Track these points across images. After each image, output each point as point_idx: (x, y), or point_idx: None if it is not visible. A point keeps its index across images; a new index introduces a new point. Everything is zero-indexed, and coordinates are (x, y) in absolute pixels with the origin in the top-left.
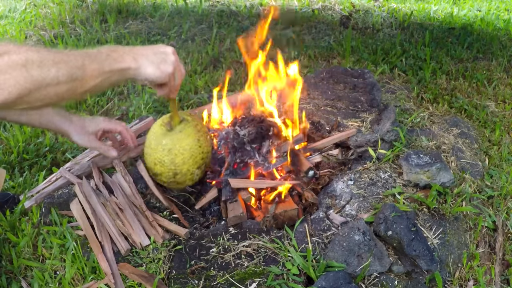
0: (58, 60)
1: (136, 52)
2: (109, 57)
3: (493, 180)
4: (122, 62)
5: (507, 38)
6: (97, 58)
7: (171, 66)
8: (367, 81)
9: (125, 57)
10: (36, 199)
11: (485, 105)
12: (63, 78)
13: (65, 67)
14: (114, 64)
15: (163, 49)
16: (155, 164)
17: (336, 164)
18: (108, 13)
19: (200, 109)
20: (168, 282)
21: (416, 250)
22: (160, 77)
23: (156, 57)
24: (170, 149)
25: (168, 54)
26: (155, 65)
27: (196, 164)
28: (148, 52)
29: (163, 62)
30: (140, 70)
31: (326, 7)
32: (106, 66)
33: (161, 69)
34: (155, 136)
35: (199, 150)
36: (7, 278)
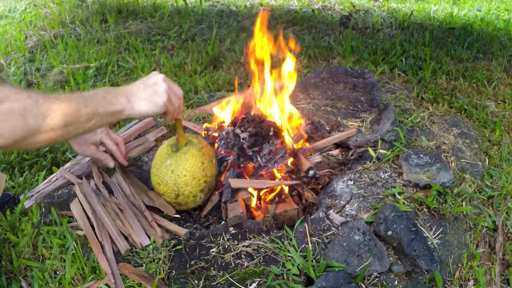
0: (54, 108)
1: (129, 92)
2: (104, 99)
3: (493, 180)
4: (116, 104)
5: (507, 38)
6: (92, 101)
7: (164, 95)
8: (367, 81)
9: (119, 98)
10: (36, 199)
11: (485, 105)
12: (58, 125)
13: (60, 115)
14: (108, 106)
15: (153, 79)
16: (159, 184)
17: (336, 164)
18: (108, 13)
19: (200, 109)
20: (168, 282)
21: (416, 250)
22: (156, 110)
23: (147, 92)
24: (173, 170)
25: (158, 84)
26: (147, 100)
27: (199, 187)
28: (139, 89)
29: (155, 94)
30: (134, 109)
31: (326, 7)
32: (100, 108)
33: (155, 102)
34: (161, 156)
35: (202, 173)
36: (7, 278)
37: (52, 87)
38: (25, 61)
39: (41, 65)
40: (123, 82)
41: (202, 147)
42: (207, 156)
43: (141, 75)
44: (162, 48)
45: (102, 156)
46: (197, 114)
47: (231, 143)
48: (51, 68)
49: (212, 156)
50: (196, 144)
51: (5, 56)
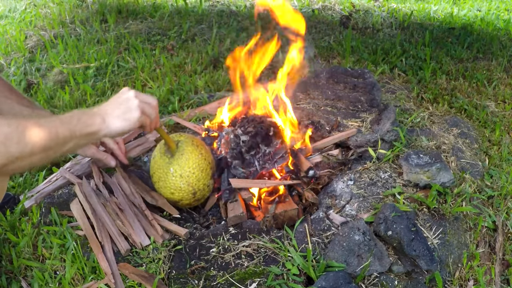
0: (34, 134)
1: (103, 112)
2: (80, 121)
3: (493, 180)
4: (91, 125)
5: (507, 38)
6: (69, 124)
7: (137, 110)
8: (367, 81)
9: (94, 119)
10: (36, 199)
11: (485, 105)
12: (38, 150)
13: (40, 140)
14: (84, 128)
15: (124, 96)
16: (172, 193)
17: (336, 164)
18: (108, 13)
19: (200, 109)
20: (168, 282)
21: (416, 250)
22: (130, 126)
23: (120, 109)
24: (181, 174)
25: (130, 100)
26: (121, 118)
27: (208, 175)
28: (112, 108)
29: (128, 111)
30: (110, 128)
31: (326, 7)
32: (78, 131)
33: (129, 119)
34: (161, 168)
35: (206, 162)
36: (7, 278)
37: (52, 87)
38: (25, 61)
39: (41, 65)
40: (123, 82)
41: (192, 140)
42: (201, 145)
43: (141, 75)
44: (162, 48)
45: (103, 156)
46: (197, 114)
47: (230, 144)
48: (51, 68)
49: (203, 143)
50: (186, 140)
51: (5, 56)
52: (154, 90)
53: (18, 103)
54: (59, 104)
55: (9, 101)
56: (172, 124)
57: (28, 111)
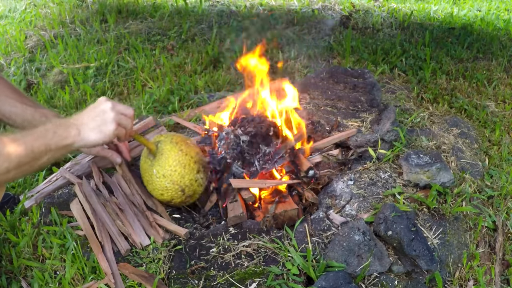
0: (10, 151)
1: (79, 123)
2: (55, 134)
3: (493, 180)
4: (67, 137)
5: (507, 38)
6: (45, 138)
7: (112, 123)
8: (367, 81)
9: (69, 131)
10: (36, 199)
11: (485, 105)
12: (13, 167)
13: (15, 158)
14: (60, 141)
15: (101, 108)
16: (162, 194)
17: (336, 164)
18: (108, 13)
19: (200, 109)
20: (168, 282)
21: (416, 250)
22: (105, 139)
23: (96, 122)
24: (164, 174)
25: (106, 112)
26: (96, 130)
27: (193, 170)
28: (88, 119)
29: (103, 123)
30: (85, 140)
31: (326, 7)
32: (53, 144)
33: (104, 132)
34: (146, 171)
35: (187, 157)
36: (7, 278)
37: (52, 87)
38: (25, 61)
39: (41, 65)
40: (123, 82)
41: (172, 138)
42: (181, 142)
43: (141, 75)
44: (162, 48)
45: (108, 154)
46: (197, 114)
47: (231, 144)
48: (51, 68)
49: (185, 139)
50: (165, 140)
51: (5, 56)
52: (154, 90)
53: (21, 102)
54: (59, 104)
55: (12, 100)
56: (172, 124)
57: (31, 110)
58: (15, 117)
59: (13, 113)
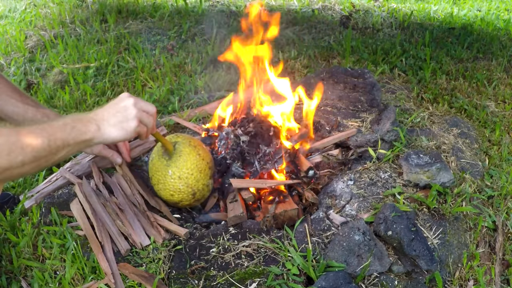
0: (26, 144)
1: (99, 118)
2: (74, 129)
3: (493, 180)
4: (86, 132)
5: (507, 38)
6: (63, 132)
7: (134, 121)
8: (367, 81)
9: (89, 126)
10: (36, 199)
11: (485, 105)
12: (29, 160)
13: (31, 151)
14: (78, 136)
15: (123, 104)
16: (172, 195)
17: (336, 164)
18: (108, 13)
19: (200, 109)
20: (168, 282)
21: (416, 250)
22: (126, 136)
23: (117, 118)
24: (180, 176)
25: (128, 109)
26: (118, 126)
27: (207, 175)
28: (109, 115)
29: (125, 120)
30: (105, 137)
31: (326, 7)
32: (71, 139)
33: (125, 129)
34: (158, 170)
35: (204, 162)
36: (7, 278)
37: (52, 87)
38: (25, 61)
39: (41, 65)
40: (123, 82)
41: (190, 141)
42: (199, 146)
43: (141, 75)
44: (162, 48)
45: (109, 154)
46: (197, 114)
47: (231, 144)
48: (51, 68)
49: (201, 143)
50: (183, 141)
51: (5, 56)
52: (154, 90)
53: (22, 102)
54: (59, 104)
55: (13, 100)
56: (172, 124)
57: (32, 110)
58: (16, 116)
59: (15, 113)
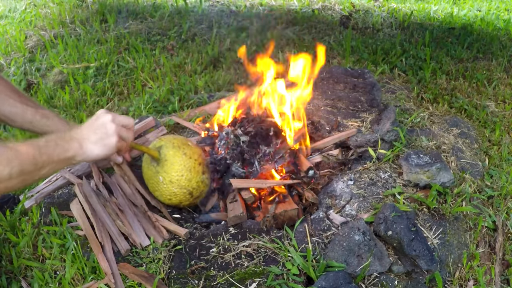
0: (12, 157)
1: (79, 137)
2: (57, 146)
3: (493, 180)
4: (69, 150)
5: (507, 38)
6: (47, 149)
7: (114, 136)
8: (367, 81)
9: (71, 144)
10: (36, 199)
11: (485, 105)
12: (15, 174)
13: (18, 165)
14: (62, 153)
15: (101, 121)
16: (170, 199)
17: (336, 164)
18: (108, 13)
19: (200, 109)
20: (168, 282)
21: (416, 250)
22: (108, 152)
23: (97, 135)
24: (171, 179)
25: (106, 125)
26: (99, 143)
27: (199, 172)
28: (89, 133)
29: (105, 136)
30: (87, 154)
31: (326, 7)
32: (55, 156)
33: (106, 145)
34: (151, 178)
35: (192, 161)
36: (7, 278)
37: (52, 87)
38: (25, 61)
39: (41, 65)
40: (123, 82)
41: (173, 142)
42: (183, 145)
43: (141, 75)
44: (162, 48)
45: None
46: (197, 114)
47: (231, 144)
48: (51, 68)
49: (185, 141)
50: (166, 145)
51: (5, 56)
52: (154, 90)
53: (21, 102)
54: (59, 104)
55: (12, 100)
56: (172, 124)
57: (31, 111)
58: (15, 117)
59: (13, 113)
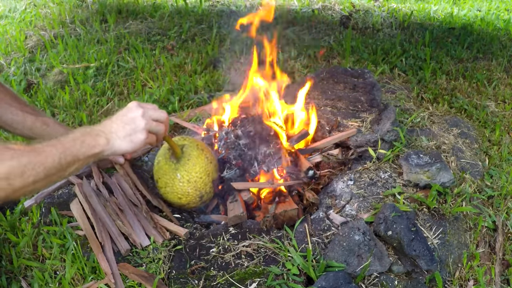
0: (37, 163)
1: (107, 131)
2: (83, 143)
3: (493, 180)
4: (95, 146)
5: (507, 38)
6: (73, 148)
7: (143, 133)
8: (367, 81)
9: (98, 140)
10: (36, 199)
11: (485, 105)
12: (41, 178)
13: (43, 170)
14: (88, 150)
15: (131, 115)
16: (180, 198)
17: (336, 164)
18: (108, 13)
19: (200, 109)
20: (168, 282)
21: (416, 250)
22: (136, 148)
23: (126, 130)
24: (189, 179)
25: (136, 121)
26: (127, 139)
27: (213, 176)
28: (117, 127)
29: (134, 132)
30: (115, 149)
31: (326, 7)
32: (81, 154)
33: (134, 141)
34: (166, 174)
35: (212, 166)
36: (7, 278)
37: (52, 87)
38: (25, 61)
39: (41, 65)
40: (123, 82)
41: (197, 144)
42: (206, 149)
43: (141, 75)
44: (162, 48)
45: None
46: (197, 114)
47: (230, 144)
48: (51, 68)
49: (207, 146)
50: (190, 145)
51: (5, 56)
52: (154, 90)
53: (22, 110)
54: (59, 104)
55: (13, 108)
56: (171, 124)
57: (31, 118)
58: (16, 125)
59: (14, 121)
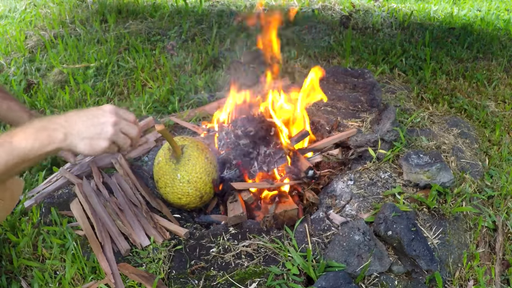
0: None
1: (69, 126)
2: (36, 141)
3: (493, 180)
4: (50, 144)
5: (507, 38)
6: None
7: (106, 141)
8: (367, 81)
9: (54, 135)
10: (36, 199)
11: (485, 105)
12: None
13: None
14: (41, 149)
15: (103, 119)
16: (180, 198)
17: (336, 164)
18: (108, 13)
19: (200, 109)
20: (168, 282)
21: (416, 250)
22: (92, 153)
23: (90, 132)
24: (189, 179)
25: (105, 127)
26: (86, 142)
27: (213, 176)
28: (82, 126)
29: (97, 138)
30: (70, 147)
31: (326, 7)
32: (32, 154)
33: (93, 146)
34: (166, 174)
35: (212, 166)
36: (7, 278)
37: (52, 87)
38: (25, 61)
39: (41, 65)
40: (123, 82)
41: (197, 144)
42: (206, 149)
43: (141, 75)
44: (162, 48)
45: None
46: (197, 114)
47: (230, 144)
48: (51, 68)
49: (207, 146)
50: (191, 145)
51: (5, 56)
52: (154, 90)
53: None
54: (59, 104)
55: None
56: (171, 124)
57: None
58: None
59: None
